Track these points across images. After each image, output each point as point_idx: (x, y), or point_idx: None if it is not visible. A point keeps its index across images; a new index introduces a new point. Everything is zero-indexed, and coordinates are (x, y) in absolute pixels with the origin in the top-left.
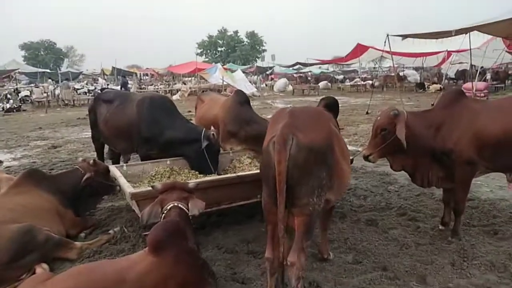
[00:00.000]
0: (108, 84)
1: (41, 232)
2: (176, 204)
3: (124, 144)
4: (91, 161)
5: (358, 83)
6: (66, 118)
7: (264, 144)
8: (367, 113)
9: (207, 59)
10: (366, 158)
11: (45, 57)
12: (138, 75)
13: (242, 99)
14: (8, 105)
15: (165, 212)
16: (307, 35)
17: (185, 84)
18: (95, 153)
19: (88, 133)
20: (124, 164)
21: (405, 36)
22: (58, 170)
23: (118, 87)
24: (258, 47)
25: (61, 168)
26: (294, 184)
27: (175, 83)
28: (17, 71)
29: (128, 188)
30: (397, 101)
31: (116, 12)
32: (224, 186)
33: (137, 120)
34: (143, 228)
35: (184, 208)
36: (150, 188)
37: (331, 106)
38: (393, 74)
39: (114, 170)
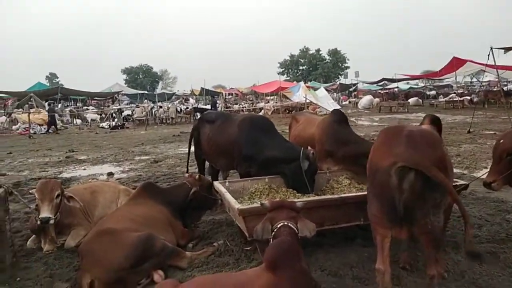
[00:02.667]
0: (198, 104)
1: (158, 240)
2: (286, 223)
3: (224, 161)
4: (197, 176)
5: (455, 99)
6: (163, 135)
7: (381, 163)
8: (468, 132)
9: (288, 78)
10: (488, 185)
11: (143, 80)
12: (224, 95)
13: (340, 118)
14: (113, 123)
15: (275, 230)
16: (392, 51)
17: (268, 102)
18: (191, 168)
19: (184, 149)
20: (227, 181)
21: (508, 49)
22: (161, 183)
23: (209, 106)
24: (340, 64)
25: (164, 181)
26: (414, 206)
27: (258, 102)
28: (121, 93)
29: (235, 204)
30: (502, 119)
31: (203, 37)
32: (329, 207)
33: (239, 139)
34: (245, 243)
35: (294, 228)
36: (258, 205)
37: (436, 123)
38: (495, 89)
39: (218, 186)
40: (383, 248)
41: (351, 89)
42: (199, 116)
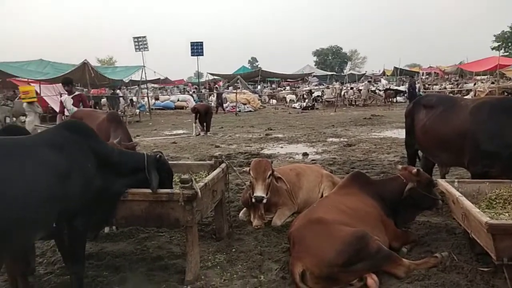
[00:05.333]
0: (390, 85)
1: (373, 241)
2: None
3: (446, 156)
4: (414, 171)
5: None
6: (353, 118)
7: None
8: None
9: (507, 53)
10: None
11: (332, 61)
12: (421, 74)
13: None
14: (304, 104)
15: None
16: None
17: (482, 83)
18: (387, 155)
19: (378, 134)
20: (456, 180)
21: None
22: (356, 169)
23: (402, 88)
24: None
25: (360, 167)
26: None
27: (465, 82)
28: (312, 74)
29: (481, 215)
30: None
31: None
32: None
33: (474, 130)
34: (477, 260)
35: None
36: None
37: None
38: None
39: (447, 186)
40: None
41: None
42: (414, 100)
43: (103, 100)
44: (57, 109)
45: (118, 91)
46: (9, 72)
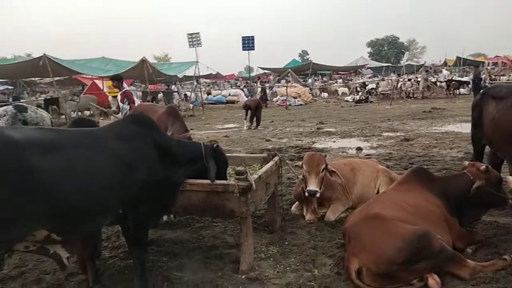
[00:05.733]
0: (452, 76)
1: (436, 240)
2: None
3: None
4: (483, 167)
5: None
6: (411, 111)
7: None
8: None
9: None
10: None
11: (387, 51)
12: (486, 64)
13: None
14: (357, 97)
15: None
16: None
17: None
18: (450, 150)
19: (439, 128)
20: None
21: None
22: (415, 165)
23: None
24: None
25: (419, 163)
26: None
27: None
28: (366, 66)
29: None
30: None
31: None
32: None
33: None
34: None
35: None
36: None
37: None
38: None
39: None
40: None
41: None
42: (481, 91)
43: (160, 95)
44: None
45: (173, 86)
46: (75, 69)
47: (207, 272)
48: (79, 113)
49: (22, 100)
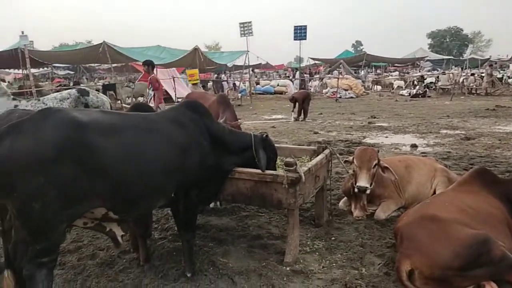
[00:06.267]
0: None
1: (497, 246)
2: None
3: None
4: None
5: None
6: (472, 108)
7: None
8: None
9: None
10: None
11: (449, 43)
12: None
13: None
14: (414, 91)
15: None
16: None
17: None
18: None
19: (503, 128)
20: None
21: None
22: (475, 166)
23: None
24: None
25: (481, 164)
26: None
27: None
28: (425, 58)
29: None
30: None
31: None
32: None
33: None
34: None
35: None
36: None
37: None
38: None
39: None
40: None
41: None
42: None
43: (209, 84)
44: (170, 92)
45: (222, 75)
46: (131, 56)
47: (252, 261)
48: (133, 99)
49: (82, 85)
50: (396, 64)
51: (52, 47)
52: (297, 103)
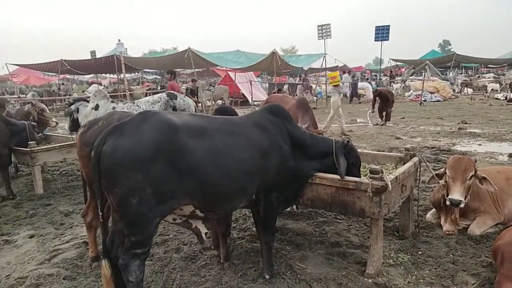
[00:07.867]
0: None
1: None
2: None
3: None
4: None
5: None
6: None
7: None
8: None
9: None
10: None
11: None
12: None
13: None
14: (511, 95)
15: None
16: None
17: None
18: None
19: None
20: None
21: None
22: None
23: None
24: None
25: None
26: None
27: None
28: None
29: None
30: None
31: None
32: None
33: None
34: None
35: None
36: None
37: None
38: None
39: None
40: None
41: None
42: None
43: (285, 87)
44: (247, 95)
45: (297, 79)
46: (212, 61)
47: (330, 268)
48: (213, 102)
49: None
50: (489, 65)
51: (142, 54)
52: (379, 101)
